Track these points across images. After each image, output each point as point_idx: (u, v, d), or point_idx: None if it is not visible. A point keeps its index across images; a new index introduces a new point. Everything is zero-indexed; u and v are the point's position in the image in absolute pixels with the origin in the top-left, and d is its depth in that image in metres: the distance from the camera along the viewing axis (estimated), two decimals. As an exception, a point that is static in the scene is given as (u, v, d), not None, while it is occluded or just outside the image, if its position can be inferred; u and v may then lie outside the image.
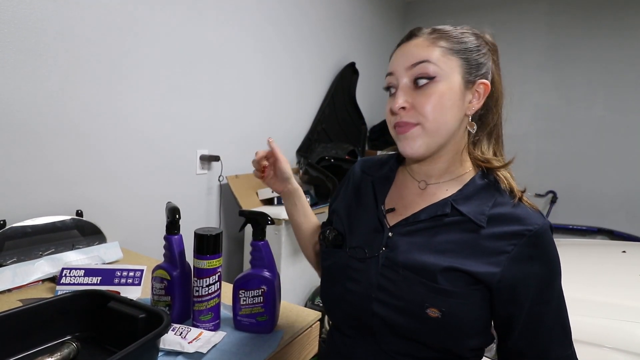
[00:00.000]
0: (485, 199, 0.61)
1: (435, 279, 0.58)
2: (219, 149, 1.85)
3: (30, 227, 1.11)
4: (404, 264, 0.61)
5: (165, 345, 0.72)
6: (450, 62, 0.60)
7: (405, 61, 0.61)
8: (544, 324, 0.59)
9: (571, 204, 3.01)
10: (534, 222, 0.58)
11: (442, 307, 0.57)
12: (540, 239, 0.58)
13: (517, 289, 0.58)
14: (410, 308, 0.59)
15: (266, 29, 2.08)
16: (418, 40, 0.62)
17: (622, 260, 1.77)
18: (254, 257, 0.80)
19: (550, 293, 0.59)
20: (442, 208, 0.62)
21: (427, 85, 0.60)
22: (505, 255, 0.57)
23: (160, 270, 0.82)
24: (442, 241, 0.60)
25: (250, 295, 0.79)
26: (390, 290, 0.61)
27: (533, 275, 0.58)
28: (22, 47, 1.15)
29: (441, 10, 3.42)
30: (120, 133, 1.44)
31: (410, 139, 0.61)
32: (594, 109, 2.92)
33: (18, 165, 1.17)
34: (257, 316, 0.79)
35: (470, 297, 0.58)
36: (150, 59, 1.51)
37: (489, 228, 0.59)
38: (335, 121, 2.69)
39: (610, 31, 2.82)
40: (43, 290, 0.98)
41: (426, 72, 0.59)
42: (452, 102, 0.60)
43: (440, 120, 0.60)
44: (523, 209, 0.60)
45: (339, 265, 0.68)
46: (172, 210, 0.83)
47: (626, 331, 1.20)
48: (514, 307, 0.59)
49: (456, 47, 0.61)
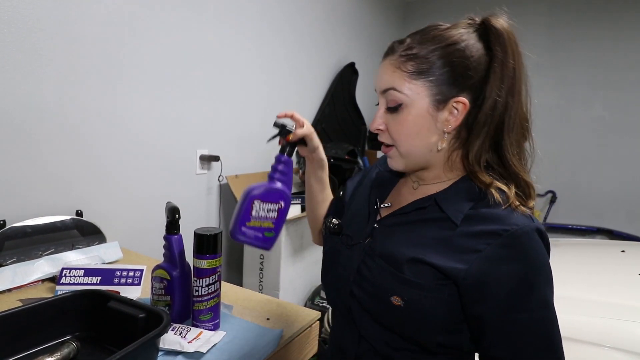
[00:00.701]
0: (467, 198, 0.60)
1: (401, 269, 0.60)
2: (218, 149, 1.86)
3: (30, 227, 1.12)
4: (380, 253, 0.64)
5: (165, 345, 0.72)
6: (414, 87, 0.58)
7: (379, 84, 0.63)
8: (521, 335, 0.55)
9: (570, 203, 3.02)
10: (513, 223, 0.55)
11: (404, 296, 0.58)
12: (518, 241, 0.54)
13: (486, 289, 0.55)
14: (378, 294, 0.62)
15: (266, 29, 2.08)
16: (389, 61, 0.62)
17: (621, 260, 1.77)
18: (279, 171, 0.72)
19: (530, 301, 0.55)
20: (424, 202, 0.64)
21: (397, 112, 0.61)
22: (476, 254, 0.55)
23: (160, 270, 0.82)
24: (419, 235, 0.62)
25: (266, 209, 0.70)
26: (366, 276, 0.64)
27: (506, 277, 0.54)
28: (22, 47, 1.15)
29: (441, 10, 3.43)
30: (120, 133, 1.45)
31: (391, 158, 0.66)
32: (593, 109, 2.92)
33: (18, 165, 1.17)
34: (265, 231, 0.71)
35: (435, 291, 0.57)
36: (150, 59, 1.51)
37: (465, 226, 0.58)
38: (335, 121, 2.69)
39: (609, 32, 2.83)
40: (43, 290, 0.98)
41: (393, 99, 0.60)
42: (420, 127, 0.59)
43: (411, 144, 0.61)
44: (506, 210, 0.57)
45: (333, 251, 0.73)
46: (171, 210, 0.83)
47: (625, 330, 1.21)
48: (483, 308, 0.56)
49: (424, 69, 0.58)
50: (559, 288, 0.64)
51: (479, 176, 0.60)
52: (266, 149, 2.19)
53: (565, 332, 1.15)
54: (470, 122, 0.60)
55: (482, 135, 0.60)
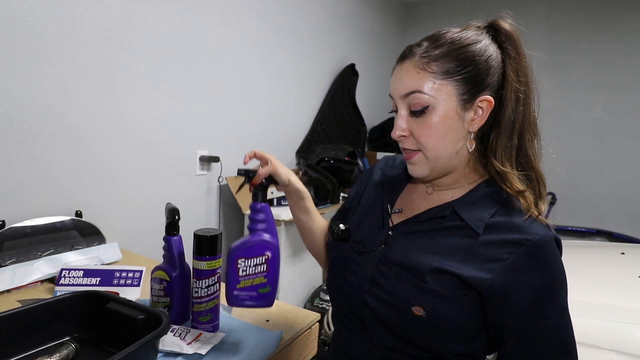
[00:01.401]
0: (488, 206, 0.60)
1: (423, 279, 0.58)
2: (218, 149, 1.85)
3: (29, 227, 1.11)
4: (398, 262, 0.62)
5: (164, 347, 0.72)
6: (441, 87, 0.58)
7: (399, 89, 0.60)
8: (542, 341, 0.56)
9: (570, 205, 3.02)
10: (534, 232, 0.56)
11: (426, 306, 0.57)
12: (540, 250, 0.55)
13: (510, 298, 0.56)
14: (397, 304, 0.60)
15: (266, 30, 2.09)
16: (409, 64, 0.60)
17: (621, 262, 1.77)
18: (256, 220, 0.70)
19: (550, 308, 0.56)
20: (442, 211, 0.63)
21: (422, 116, 0.59)
22: (499, 263, 0.56)
23: (159, 271, 0.82)
24: (439, 244, 0.61)
25: (252, 264, 0.68)
26: (382, 285, 0.62)
27: (529, 286, 0.55)
28: (22, 48, 1.15)
29: (441, 12, 3.43)
30: (120, 134, 1.44)
31: (414, 164, 0.63)
32: (593, 111, 2.93)
33: (17, 166, 1.17)
34: (259, 288, 0.69)
35: (457, 301, 0.57)
36: (150, 60, 1.51)
37: (486, 235, 0.58)
38: (335, 122, 2.69)
39: (609, 34, 2.83)
40: (42, 291, 0.98)
41: (419, 102, 0.58)
42: (448, 128, 0.59)
43: (439, 147, 0.60)
44: (527, 221, 0.57)
45: (342, 257, 0.70)
46: (171, 211, 0.83)
47: (625, 333, 1.21)
48: (505, 316, 0.56)
49: (450, 68, 0.58)
50: None
51: (510, 179, 0.59)
52: (266, 150, 2.18)
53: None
54: (491, 121, 0.61)
55: (509, 133, 0.60)
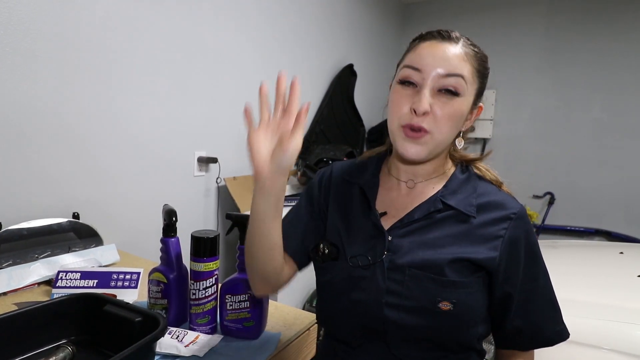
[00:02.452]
0: (469, 191, 0.65)
1: (443, 273, 0.60)
2: (216, 150, 1.85)
3: (26, 229, 1.11)
4: (410, 264, 0.61)
5: (161, 349, 0.72)
6: (473, 84, 0.63)
7: (441, 66, 0.59)
8: (535, 301, 0.64)
9: (569, 205, 3.02)
10: (514, 206, 0.63)
11: (452, 299, 0.59)
12: (523, 221, 0.63)
13: (510, 269, 0.62)
14: (422, 305, 0.60)
15: (264, 31, 2.08)
16: (455, 47, 0.60)
17: (620, 262, 1.77)
18: (241, 261, 0.78)
19: (537, 271, 0.64)
20: (434, 204, 0.64)
21: (451, 99, 0.60)
22: (500, 239, 0.61)
23: (156, 273, 0.82)
24: (438, 236, 0.63)
25: (237, 300, 0.78)
26: (400, 292, 0.61)
27: (523, 254, 0.63)
28: (18, 49, 1.14)
29: (439, 13, 3.43)
30: (117, 135, 1.44)
31: (418, 145, 0.62)
32: (591, 111, 2.93)
33: (14, 167, 1.17)
34: (243, 321, 0.79)
35: (475, 285, 0.61)
36: (147, 60, 1.51)
37: (479, 217, 0.63)
38: (333, 123, 2.69)
39: (607, 33, 2.84)
40: (39, 293, 0.97)
41: (458, 87, 0.60)
42: (460, 120, 0.63)
43: (448, 134, 0.63)
44: (501, 195, 0.65)
45: (341, 277, 0.66)
46: (168, 213, 0.82)
47: (624, 332, 1.21)
48: (509, 286, 0.62)
49: (481, 71, 0.64)
50: (558, 289, 0.66)
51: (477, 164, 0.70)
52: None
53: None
54: None
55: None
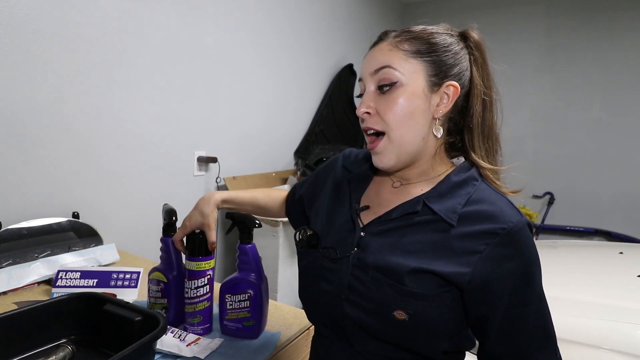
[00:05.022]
0: (459, 196, 0.59)
1: (402, 281, 0.56)
2: (216, 150, 1.85)
3: (26, 229, 1.11)
4: (374, 265, 0.59)
5: (162, 348, 0.72)
6: (411, 66, 0.59)
7: (370, 66, 0.61)
8: (523, 328, 0.56)
9: (568, 205, 3.02)
10: (508, 220, 0.55)
11: (409, 309, 0.55)
12: (515, 238, 0.55)
13: (490, 289, 0.55)
14: (378, 310, 0.57)
15: (264, 31, 2.08)
16: (383, 44, 0.61)
17: (619, 262, 1.77)
18: (241, 260, 0.80)
19: (529, 295, 0.56)
20: (414, 206, 0.60)
21: (390, 91, 0.59)
22: (477, 255, 0.55)
23: (156, 273, 0.82)
24: (412, 241, 0.59)
25: (237, 300, 0.78)
26: (360, 291, 0.59)
27: (507, 276, 0.55)
28: (18, 48, 1.14)
29: (438, 12, 3.44)
30: (117, 134, 1.44)
31: (380, 154, 0.61)
32: (591, 111, 2.93)
33: (14, 167, 1.16)
34: (243, 321, 0.79)
35: (439, 300, 0.56)
36: (147, 60, 1.51)
37: (460, 227, 0.57)
38: (333, 123, 2.69)
39: (607, 33, 2.84)
40: (38, 292, 0.97)
41: (388, 77, 0.59)
42: (414, 107, 0.58)
43: (404, 127, 0.59)
44: (496, 206, 0.57)
45: (314, 266, 0.66)
46: (168, 213, 0.82)
47: (623, 332, 1.21)
48: (487, 308, 0.56)
49: (421, 49, 0.59)
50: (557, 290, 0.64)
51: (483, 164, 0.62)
52: (264, 151, 2.19)
53: (563, 334, 1.15)
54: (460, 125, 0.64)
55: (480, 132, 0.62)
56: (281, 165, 2.34)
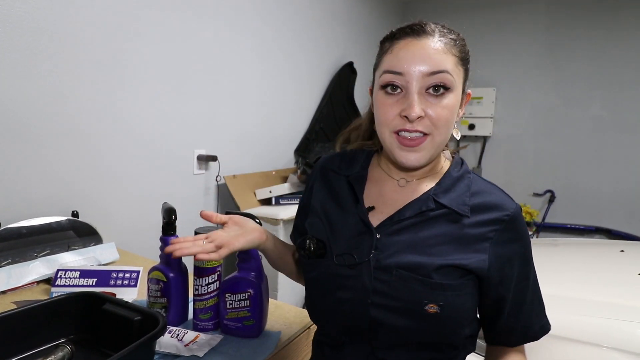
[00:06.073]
0: (462, 189, 0.63)
1: (430, 276, 0.58)
2: (216, 148, 1.85)
3: (25, 228, 1.10)
4: (397, 264, 0.59)
5: (161, 348, 0.71)
6: (460, 73, 0.60)
7: (423, 64, 0.57)
8: (526, 299, 0.64)
9: (569, 203, 3.02)
10: (509, 207, 0.61)
11: (440, 301, 0.58)
12: (516, 222, 0.61)
13: (504, 271, 0.61)
14: (408, 307, 0.58)
15: (264, 29, 2.07)
16: (433, 41, 0.58)
17: (620, 260, 1.77)
18: (241, 259, 0.79)
19: (529, 269, 0.64)
20: (426, 203, 0.62)
21: (443, 96, 0.58)
22: (488, 242, 0.60)
23: (156, 272, 0.81)
24: (429, 236, 0.61)
25: (237, 299, 0.78)
26: (386, 292, 0.59)
27: (514, 256, 0.62)
28: (18, 47, 1.14)
29: (439, 10, 3.42)
30: (117, 133, 1.43)
31: (420, 151, 0.59)
32: (591, 109, 2.92)
33: (13, 166, 1.16)
34: (243, 320, 0.79)
35: (464, 288, 0.60)
36: (147, 59, 1.50)
37: (472, 217, 0.61)
38: (333, 121, 2.68)
39: (607, 31, 2.83)
40: (38, 292, 0.97)
41: (444, 82, 0.57)
42: (453, 114, 0.60)
43: (447, 132, 0.61)
44: (496, 196, 0.63)
45: (327, 275, 0.64)
46: (168, 211, 0.82)
47: (624, 331, 1.20)
48: (504, 288, 0.62)
49: (463, 57, 0.61)
50: (558, 288, 0.66)
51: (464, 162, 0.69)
52: (264, 149, 2.18)
53: (563, 332, 1.14)
54: None
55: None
56: (281, 164, 2.33)
